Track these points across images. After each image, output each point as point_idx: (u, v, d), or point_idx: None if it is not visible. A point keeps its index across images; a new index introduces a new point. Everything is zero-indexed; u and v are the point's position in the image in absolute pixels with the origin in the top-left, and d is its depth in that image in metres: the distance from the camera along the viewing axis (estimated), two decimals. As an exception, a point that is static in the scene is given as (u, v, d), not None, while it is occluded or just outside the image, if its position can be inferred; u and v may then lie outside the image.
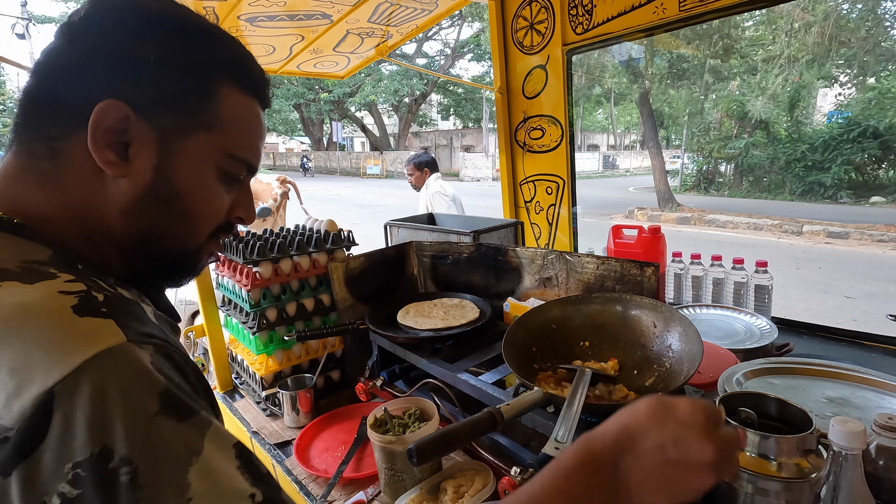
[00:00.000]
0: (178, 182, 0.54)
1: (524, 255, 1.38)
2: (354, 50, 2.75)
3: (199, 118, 0.54)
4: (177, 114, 0.52)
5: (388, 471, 0.98)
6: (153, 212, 0.53)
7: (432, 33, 24.82)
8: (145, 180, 0.52)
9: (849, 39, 11.16)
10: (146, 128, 0.51)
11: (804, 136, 14.15)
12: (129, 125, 0.50)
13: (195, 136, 0.54)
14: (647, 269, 1.11)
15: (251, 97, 0.59)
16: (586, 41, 2.02)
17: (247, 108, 0.58)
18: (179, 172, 0.53)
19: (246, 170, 0.60)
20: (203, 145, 0.54)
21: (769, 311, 1.64)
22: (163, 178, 0.52)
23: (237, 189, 0.61)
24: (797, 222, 9.48)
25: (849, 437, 0.62)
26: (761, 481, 0.74)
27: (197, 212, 0.56)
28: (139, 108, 0.50)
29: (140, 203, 0.52)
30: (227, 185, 0.59)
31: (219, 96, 0.55)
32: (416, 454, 0.66)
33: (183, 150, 0.53)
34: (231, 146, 0.57)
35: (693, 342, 0.92)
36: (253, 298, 1.34)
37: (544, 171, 2.34)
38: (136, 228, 0.53)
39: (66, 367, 0.36)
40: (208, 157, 0.55)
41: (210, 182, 0.56)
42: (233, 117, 0.56)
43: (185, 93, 0.53)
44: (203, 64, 0.54)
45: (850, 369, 1.04)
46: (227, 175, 0.58)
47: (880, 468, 0.71)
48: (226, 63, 0.56)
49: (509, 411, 0.77)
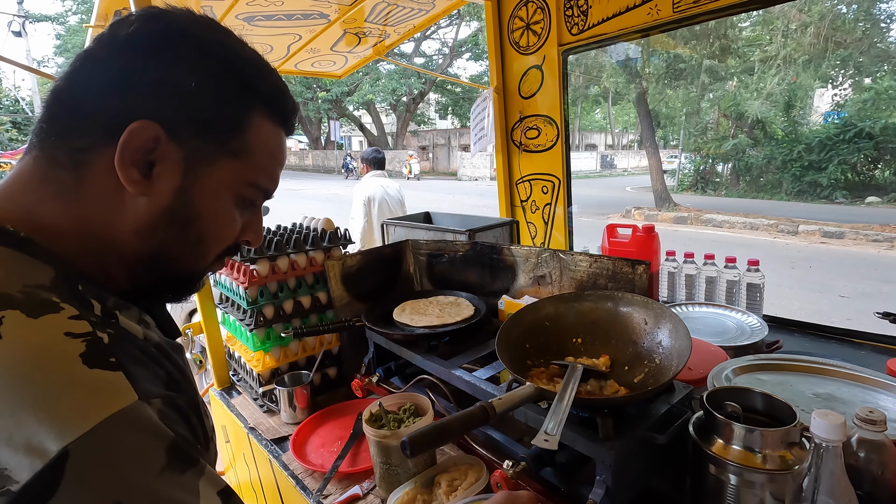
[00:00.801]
0: (198, 206, 0.54)
1: (518, 253, 1.40)
2: (352, 49, 2.76)
3: (228, 146, 0.54)
4: (207, 140, 0.53)
5: (383, 465, 1.00)
6: (168, 233, 0.53)
7: (430, 32, 24.82)
8: (165, 202, 0.52)
9: (845, 40, 11.22)
10: (175, 150, 0.51)
11: (801, 137, 14.20)
12: (159, 146, 0.50)
13: (221, 163, 0.54)
14: (639, 267, 1.13)
15: (279, 127, 0.59)
16: (582, 42, 2.04)
17: (273, 137, 0.59)
18: (200, 197, 0.54)
19: (263, 196, 0.61)
20: (227, 172, 0.55)
21: (761, 310, 1.66)
22: (183, 201, 0.53)
23: (251, 213, 0.62)
24: (793, 222, 9.52)
25: (829, 430, 0.64)
26: (747, 473, 0.76)
27: (211, 236, 0.57)
28: (171, 131, 0.50)
29: (156, 223, 0.52)
30: (243, 209, 0.60)
31: (251, 126, 0.55)
32: (410, 446, 0.68)
33: (207, 175, 0.54)
34: (254, 175, 0.57)
35: (682, 338, 0.94)
36: (250, 296, 1.36)
37: (540, 171, 2.36)
38: (149, 248, 0.53)
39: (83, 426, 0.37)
40: (230, 184, 0.56)
41: (228, 208, 0.57)
42: (260, 147, 0.57)
43: (219, 121, 0.53)
44: (242, 95, 0.54)
45: (837, 366, 1.06)
46: (244, 201, 0.59)
47: (861, 460, 0.73)
48: (263, 95, 0.56)
49: (501, 405, 0.78)
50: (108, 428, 0.38)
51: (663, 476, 0.98)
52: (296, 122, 0.63)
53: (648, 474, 0.89)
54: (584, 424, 0.87)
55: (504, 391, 1.01)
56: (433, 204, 13.07)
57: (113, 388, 0.41)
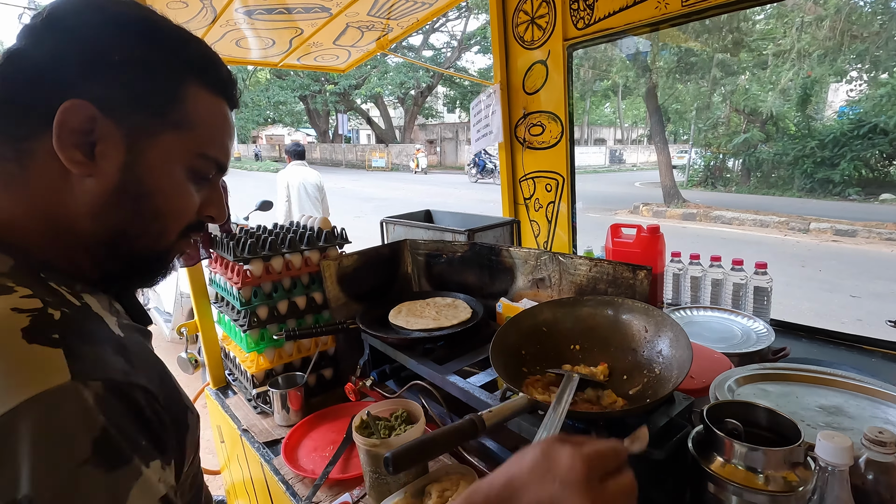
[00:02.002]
0: (147, 181, 0.53)
1: (517, 255, 1.36)
2: (355, 43, 2.73)
3: (167, 118, 0.54)
4: (144, 114, 0.52)
5: (373, 473, 0.98)
6: (122, 211, 0.53)
7: (439, 25, 24.64)
8: (113, 180, 0.52)
9: (861, 34, 10.96)
10: (113, 127, 0.50)
11: (813, 132, 13.95)
12: (96, 125, 0.49)
13: (163, 136, 0.54)
14: (640, 273, 1.09)
15: (219, 97, 0.59)
16: (587, 36, 1.99)
17: (215, 108, 0.58)
18: (148, 171, 0.53)
19: (216, 169, 0.60)
20: (172, 144, 0.54)
21: (768, 314, 1.61)
22: (131, 178, 0.52)
23: (207, 188, 0.61)
24: (804, 220, 9.37)
25: (835, 453, 0.61)
26: (747, 494, 0.73)
27: (167, 211, 0.56)
28: (105, 108, 0.50)
29: (108, 203, 0.52)
30: (197, 183, 0.59)
31: (186, 96, 0.55)
32: (393, 463, 0.65)
33: (151, 149, 0.53)
34: (200, 145, 0.57)
35: (683, 348, 0.90)
36: (244, 296, 1.34)
37: (544, 168, 2.31)
38: (105, 229, 0.53)
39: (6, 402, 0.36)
40: (177, 156, 0.55)
41: (180, 181, 0.56)
42: (201, 117, 0.56)
43: (151, 93, 0.53)
44: (169, 64, 0.54)
45: (846, 376, 1.01)
46: (197, 174, 0.58)
47: (869, 482, 0.70)
48: (192, 63, 0.56)
49: (491, 418, 0.75)
50: (32, 406, 0.37)
51: (661, 489, 0.95)
52: (237, 95, 0.62)
53: (645, 489, 0.86)
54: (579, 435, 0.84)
55: (498, 399, 0.99)
56: (439, 199, 13.03)
57: (47, 365, 0.39)
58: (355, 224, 8.08)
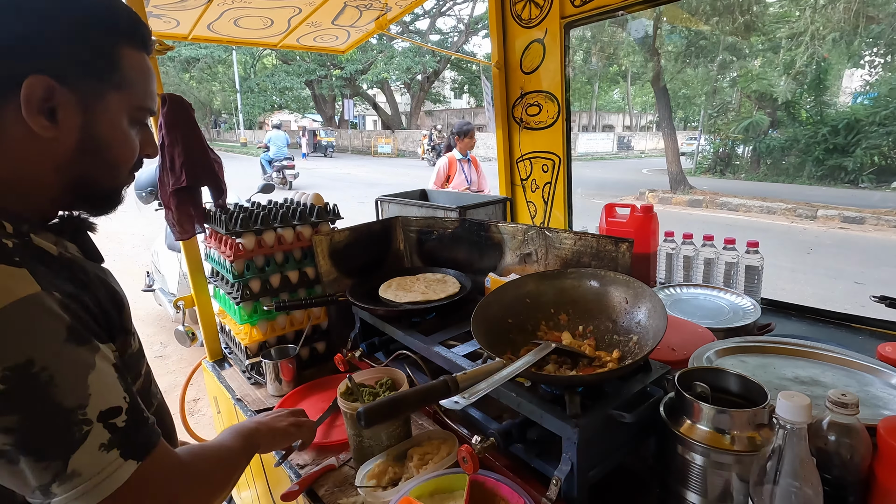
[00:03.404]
0: (102, 136, 0.64)
1: (506, 230, 1.38)
2: (353, 23, 2.71)
3: (111, 81, 0.63)
4: (91, 80, 0.62)
5: (357, 437, 1.01)
6: (83, 163, 0.63)
7: (446, 8, 24.31)
8: (74, 138, 0.61)
9: (877, 15, 10.68)
10: (69, 95, 0.60)
11: (826, 118, 13.67)
12: (54, 94, 0.58)
13: (109, 96, 0.63)
14: (622, 245, 1.10)
15: (142, 51, 0.68)
16: (584, 13, 1.97)
17: (142, 63, 0.67)
18: (101, 128, 0.63)
19: (149, 114, 0.71)
20: (116, 103, 0.64)
21: (759, 292, 1.62)
22: (89, 135, 0.62)
23: (143, 131, 0.71)
24: (812, 206, 9.25)
25: (794, 411, 0.62)
26: (714, 454, 0.75)
27: (120, 158, 0.67)
28: (60, 79, 0.59)
29: (72, 158, 0.62)
30: (137, 129, 0.69)
31: (122, 58, 0.64)
32: (365, 417, 0.68)
33: (102, 109, 0.63)
34: (138, 99, 0.67)
35: (660, 318, 0.92)
36: (236, 269, 1.36)
37: (541, 149, 2.31)
38: (70, 179, 0.64)
39: None
40: (122, 111, 0.65)
41: (126, 132, 0.67)
42: (134, 74, 0.66)
43: (95, 61, 0.62)
44: (107, 35, 0.63)
45: (823, 349, 1.03)
46: (136, 122, 0.69)
47: (831, 443, 0.71)
48: (124, 28, 0.65)
49: (465, 380, 0.77)
50: (17, 308, 0.51)
51: (637, 456, 0.98)
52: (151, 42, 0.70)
53: (617, 453, 0.88)
54: (555, 401, 0.86)
55: (479, 367, 1.01)
56: (444, 184, 12.94)
57: (18, 280, 0.52)
58: (359, 209, 8.10)
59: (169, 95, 1.35)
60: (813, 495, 0.63)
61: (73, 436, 0.52)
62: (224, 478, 0.74)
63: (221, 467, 0.74)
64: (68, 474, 0.51)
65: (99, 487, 0.53)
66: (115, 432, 0.55)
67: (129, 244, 7.39)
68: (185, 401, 1.77)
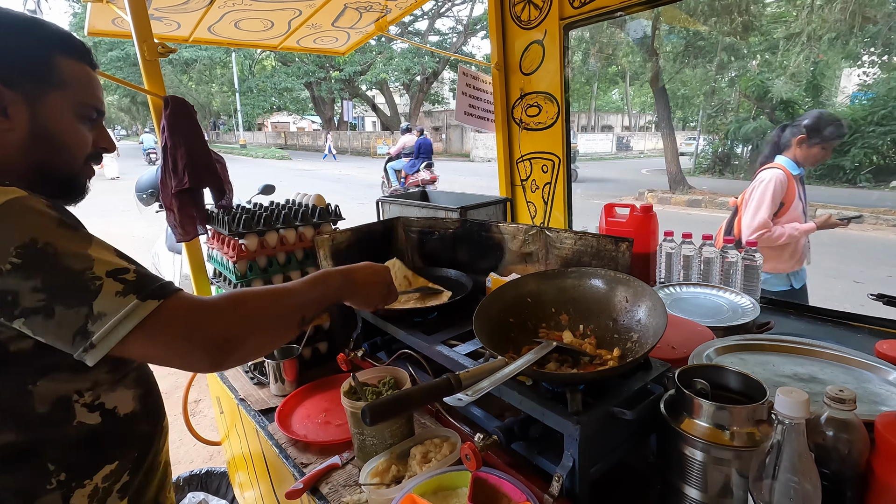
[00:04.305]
0: (49, 125, 0.78)
1: (506, 230, 1.39)
2: (353, 25, 2.72)
3: (50, 82, 0.78)
4: (32, 81, 0.76)
5: (360, 436, 1.02)
6: (39, 148, 0.78)
7: (444, 9, 24.34)
8: (26, 129, 0.76)
9: (874, 15, 10.71)
10: (14, 94, 0.75)
11: (824, 118, 13.66)
12: (3, 95, 0.73)
13: (51, 94, 0.78)
14: (622, 245, 1.11)
15: (81, 62, 0.82)
16: (584, 15, 1.98)
17: (80, 70, 0.82)
18: (48, 119, 0.78)
19: (95, 112, 0.84)
20: (58, 99, 0.78)
21: (757, 291, 1.63)
22: (38, 125, 0.77)
23: (96, 128, 0.85)
24: (810, 206, 9.26)
25: (792, 407, 0.63)
26: (714, 450, 0.76)
27: (70, 143, 0.81)
28: (6, 82, 0.74)
29: (28, 145, 0.77)
30: (86, 124, 0.83)
31: (57, 64, 0.78)
32: (370, 415, 0.69)
33: (45, 105, 0.77)
34: (79, 97, 0.81)
35: (660, 316, 0.92)
36: (239, 270, 1.37)
37: (540, 149, 2.32)
38: (32, 160, 0.78)
39: None
40: (65, 106, 0.79)
41: (72, 123, 0.81)
42: (73, 77, 0.80)
43: (33, 67, 0.76)
44: (40, 45, 0.78)
45: (821, 346, 1.04)
46: (83, 117, 0.82)
47: (829, 439, 0.72)
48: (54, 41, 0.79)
49: (468, 378, 0.78)
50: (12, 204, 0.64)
51: (637, 452, 0.99)
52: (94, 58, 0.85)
53: (619, 450, 0.89)
54: (556, 399, 0.87)
55: (481, 366, 1.02)
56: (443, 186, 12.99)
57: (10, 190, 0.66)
58: (360, 211, 8.11)
59: (171, 97, 1.36)
60: (811, 490, 0.64)
61: (89, 287, 0.63)
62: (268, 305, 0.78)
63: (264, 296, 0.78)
64: (96, 315, 0.63)
65: (126, 321, 0.64)
66: (127, 283, 0.65)
67: (129, 247, 7.39)
68: (188, 402, 1.77)
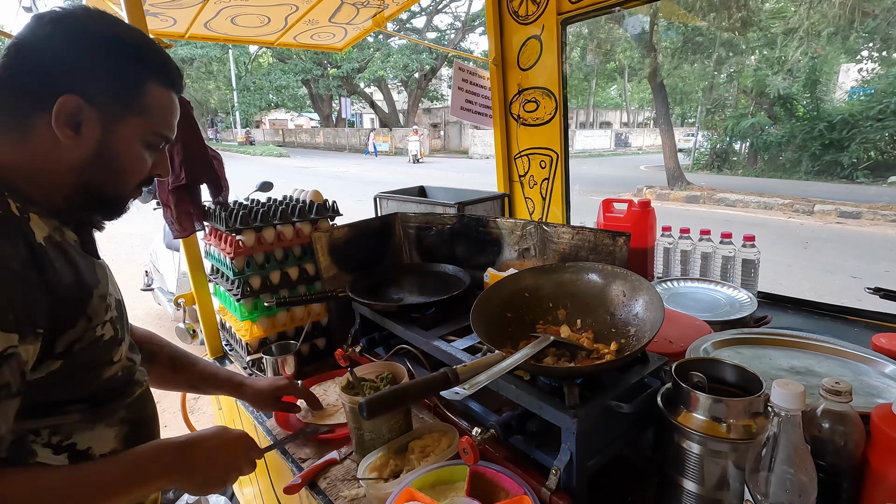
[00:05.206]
0: (115, 150, 0.74)
1: (504, 226, 1.39)
2: (350, 21, 2.71)
3: (131, 107, 0.74)
4: (115, 104, 0.72)
5: (358, 431, 1.02)
6: (96, 169, 0.74)
7: (442, 6, 24.26)
8: (92, 148, 0.72)
9: (873, 11, 10.69)
10: (93, 112, 0.71)
11: (822, 114, 13.69)
12: (81, 112, 0.69)
13: (128, 119, 0.74)
14: (619, 239, 1.11)
15: (169, 89, 0.78)
16: (581, 10, 1.98)
17: (166, 97, 0.78)
18: (116, 143, 0.73)
19: (164, 141, 0.80)
20: (133, 126, 0.75)
21: (755, 286, 1.63)
22: (104, 147, 0.73)
23: (157, 154, 0.81)
24: (809, 202, 9.29)
25: (788, 399, 0.63)
26: (710, 442, 0.76)
27: (128, 171, 0.77)
28: (88, 99, 0.69)
29: (87, 163, 0.73)
30: (150, 151, 0.79)
31: (145, 92, 0.75)
32: (367, 409, 0.69)
33: (119, 129, 0.73)
34: (154, 126, 0.77)
35: (657, 310, 0.93)
36: (236, 266, 1.37)
37: (538, 145, 2.32)
38: (83, 180, 0.74)
39: None
40: (137, 134, 0.75)
41: (138, 151, 0.77)
42: (155, 106, 0.76)
43: (120, 89, 0.73)
44: (135, 68, 0.74)
45: (818, 339, 1.04)
46: (150, 146, 0.78)
47: (825, 431, 0.72)
48: (150, 66, 0.75)
49: (465, 372, 0.79)
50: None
51: (634, 446, 0.99)
52: (182, 83, 0.81)
53: (616, 443, 0.89)
54: (554, 393, 0.88)
55: (479, 361, 1.02)
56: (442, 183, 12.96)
57: None
58: (358, 207, 8.09)
59: (167, 93, 1.35)
60: (807, 481, 0.64)
61: None
62: None
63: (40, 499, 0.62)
64: None
65: None
66: None
67: (127, 244, 7.38)
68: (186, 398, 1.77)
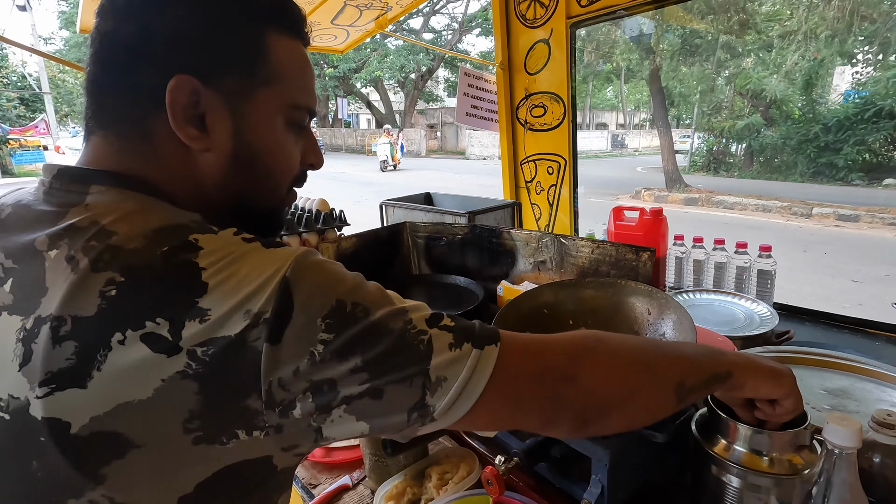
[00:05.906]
0: (256, 144, 0.55)
1: (519, 237, 1.34)
2: (353, 23, 2.67)
3: (258, 76, 0.54)
4: (236, 76, 0.53)
5: (373, 456, 0.97)
6: (239, 177, 0.56)
7: (439, 7, 24.24)
8: (228, 148, 0.54)
9: (870, 14, 10.75)
10: (215, 96, 0.52)
11: (818, 116, 13.76)
12: (200, 97, 0.51)
13: (258, 95, 0.54)
14: (643, 254, 1.07)
15: (295, 39, 0.58)
16: (591, 14, 1.94)
17: (295, 51, 0.57)
18: (254, 134, 0.55)
19: (308, 115, 0.60)
20: (268, 101, 0.55)
21: (772, 297, 1.60)
22: (241, 143, 0.54)
23: (304, 136, 0.61)
24: (807, 204, 9.31)
25: (845, 436, 0.59)
26: (751, 476, 0.72)
27: (277, 168, 0.59)
28: (203, 77, 0.50)
29: (228, 172, 0.55)
30: (296, 134, 0.60)
31: (269, 48, 0.54)
32: (391, 445, 0.64)
33: (252, 111, 0.54)
34: (292, 96, 0.57)
35: (687, 331, 0.89)
36: (241, 279, 1.32)
37: (546, 151, 2.28)
38: (229, 196, 0.56)
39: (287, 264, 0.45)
40: (274, 111, 0.56)
41: (282, 136, 0.58)
42: (285, 66, 0.56)
43: (237, 53, 0.53)
44: (249, 20, 0.53)
45: (850, 359, 1.00)
46: (294, 125, 0.59)
47: (875, 465, 0.69)
48: (268, 11, 0.54)
49: (492, 401, 0.74)
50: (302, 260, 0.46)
51: (664, 473, 0.95)
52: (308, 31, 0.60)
53: (647, 472, 0.85)
54: (581, 420, 0.83)
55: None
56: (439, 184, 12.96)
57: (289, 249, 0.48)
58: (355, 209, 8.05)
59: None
60: (863, 522, 0.60)
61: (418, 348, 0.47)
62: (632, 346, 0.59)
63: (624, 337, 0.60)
64: (435, 381, 0.47)
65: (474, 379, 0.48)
66: (453, 330, 0.49)
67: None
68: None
